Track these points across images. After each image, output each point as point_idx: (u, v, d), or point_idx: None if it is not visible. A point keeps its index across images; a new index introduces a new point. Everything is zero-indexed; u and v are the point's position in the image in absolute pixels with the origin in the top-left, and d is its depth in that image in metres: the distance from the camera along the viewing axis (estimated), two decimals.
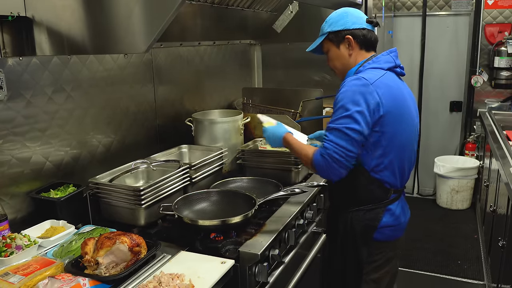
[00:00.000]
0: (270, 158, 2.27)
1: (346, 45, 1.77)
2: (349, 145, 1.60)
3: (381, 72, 1.70)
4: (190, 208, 1.85)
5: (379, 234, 1.77)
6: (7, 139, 1.64)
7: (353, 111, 1.60)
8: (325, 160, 1.61)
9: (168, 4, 1.27)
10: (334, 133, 1.61)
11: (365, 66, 1.74)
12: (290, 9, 2.98)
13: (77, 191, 1.78)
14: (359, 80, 1.64)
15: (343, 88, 1.66)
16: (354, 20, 1.76)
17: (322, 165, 1.63)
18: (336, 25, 1.77)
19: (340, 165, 1.60)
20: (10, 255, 1.44)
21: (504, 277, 2.48)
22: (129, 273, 1.37)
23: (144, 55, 2.28)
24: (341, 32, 1.76)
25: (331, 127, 1.63)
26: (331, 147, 1.60)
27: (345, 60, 1.79)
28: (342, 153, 1.59)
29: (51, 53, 1.51)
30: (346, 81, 1.68)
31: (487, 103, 4.50)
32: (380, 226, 1.76)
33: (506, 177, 2.37)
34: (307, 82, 3.25)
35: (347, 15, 1.77)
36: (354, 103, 1.60)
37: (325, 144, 1.62)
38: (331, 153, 1.60)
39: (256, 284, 1.61)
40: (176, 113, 2.56)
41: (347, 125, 1.59)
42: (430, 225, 4.26)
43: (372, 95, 1.61)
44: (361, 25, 1.76)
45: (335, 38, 1.78)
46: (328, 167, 1.61)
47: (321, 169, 1.64)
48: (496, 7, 4.43)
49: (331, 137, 1.62)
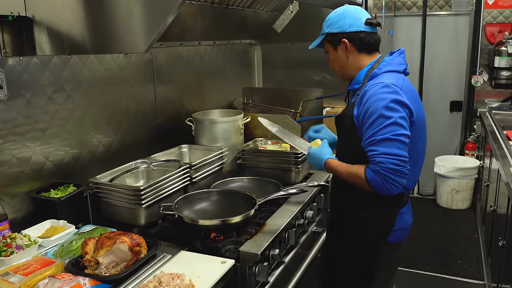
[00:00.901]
0: (270, 158, 2.27)
1: (343, 48, 1.72)
2: (402, 151, 1.55)
3: (400, 76, 1.66)
4: (190, 208, 1.85)
5: (392, 237, 1.78)
6: (7, 139, 1.64)
7: (396, 117, 1.54)
8: (382, 175, 1.54)
9: (168, 4, 1.27)
10: (384, 144, 1.54)
11: (380, 69, 1.68)
12: (290, 9, 2.97)
13: (77, 191, 1.78)
14: (388, 88, 1.57)
15: (373, 97, 1.58)
16: (351, 22, 1.69)
17: (378, 182, 1.56)
18: (333, 27, 1.72)
19: (400, 174, 1.54)
20: (11, 255, 1.44)
21: (504, 277, 2.48)
22: (129, 273, 1.37)
23: (144, 55, 2.28)
24: (337, 35, 1.71)
25: (378, 139, 1.54)
26: (386, 159, 1.53)
27: (343, 63, 1.75)
28: (399, 161, 1.53)
29: (51, 53, 1.51)
30: (373, 89, 1.60)
31: (487, 103, 4.50)
32: (394, 229, 1.76)
33: (506, 177, 2.37)
34: (307, 82, 3.25)
35: (345, 17, 1.70)
36: (392, 110, 1.55)
37: (376, 159, 1.55)
38: (388, 165, 1.53)
39: (256, 284, 1.61)
40: (176, 113, 2.56)
41: (395, 132, 1.53)
42: (430, 225, 4.26)
43: (405, 101, 1.57)
44: (359, 27, 1.69)
45: (332, 40, 1.74)
46: (386, 181, 1.54)
47: (378, 185, 1.57)
48: (496, 7, 4.43)
49: (382, 149, 1.54)
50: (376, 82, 1.63)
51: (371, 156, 1.57)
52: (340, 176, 1.73)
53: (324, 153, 1.78)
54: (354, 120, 1.66)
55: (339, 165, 1.72)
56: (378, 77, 1.67)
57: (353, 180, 1.67)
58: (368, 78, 1.70)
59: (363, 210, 1.75)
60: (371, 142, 1.57)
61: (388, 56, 1.76)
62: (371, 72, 1.69)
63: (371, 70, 1.70)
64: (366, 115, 1.59)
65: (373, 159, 1.57)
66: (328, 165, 1.75)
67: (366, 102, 1.60)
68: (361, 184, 1.64)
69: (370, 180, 1.58)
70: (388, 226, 1.76)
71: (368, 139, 1.58)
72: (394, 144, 1.54)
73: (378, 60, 1.73)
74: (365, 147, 1.60)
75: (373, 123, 1.57)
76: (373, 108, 1.57)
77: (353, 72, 1.76)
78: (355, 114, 1.66)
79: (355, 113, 1.66)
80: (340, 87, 2.77)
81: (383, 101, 1.56)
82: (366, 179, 1.59)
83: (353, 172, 1.66)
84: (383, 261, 1.81)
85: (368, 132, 1.58)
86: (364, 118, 1.60)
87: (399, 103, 1.56)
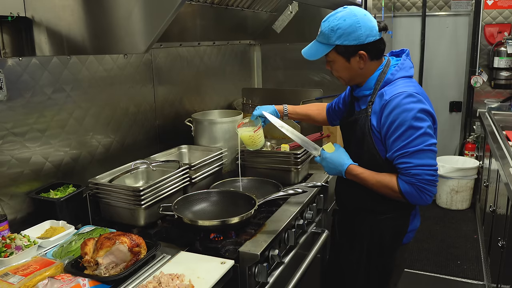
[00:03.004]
0: (269, 158, 2.27)
1: (357, 59, 1.62)
2: (434, 160, 1.56)
3: (415, 82, 1.65)
4: (190, 209, 1.84)
5: (405, 238, 1.79)
6: (7, 139, 1.64)
7: (425, 127, 1.54)
8: (418, 187, 1.55)
9: (168, 4, 1.27)
10: (417, 155, 1.53)
11: (393, 74, 1.64)
12: (290, 9, 2.98)
13: (77, 191, 1.78)
14: (413, 97, 1.55)
15: (398, 108, 1.55)
16: (368, 32, 1.58)
17: (414, 194, 1.56)
18: (347, 39, 1.58)
19: (434, 184, 1.55)
20: (10, 256, 1.44)
21: (504, 277, 2.48)
22: (129, 274, 1.37)
23: (144, 55, 2.28)
24: (352, 47, 1.60)
25: (411, 151, 1.53)
26: (422, 172, 1.53)
27: (354, 72, 1.66)
28: (433, 171, 1.55)
29: (50, 54, 1.51)
30: (397, 100, 1.55)
31: (486, 103, 4.51)
32: (408, 230, 1.78)
33: (505, 177, 2.37)
34: (307, 82, 3.25)
35: (359, 27, 1.57)
36: (421, 120, 1.54)
37: (411, 172, 1.54)
38: (424, 177, 1.53)
39: (256, 285, 1.61)
40: (176, 113, 2.56)
41: (426, 143, 1.53)
42: (430, 225, 4.26)
43: (430, 110, 1.57)
44: (375, 37, 1.60)
45: (345, 51, 1.62)
46: (422, 193, 1.55)
47: (413, 197, 1.57)
48: (495, 8, 4.44)
49: (416, 161, 1.54)
50: (397, 91, 1.58)
51: (405, 168, 1.56)
52: (365, 184, 1.68)
53: (345, 158, 1.71)
54: (373, 130, 1.63)
55: (364, 172, 1.67)
56: (394, 85, 1.62)
57: (382, 190, 1.65)
58: (381, 85, 1.65)
59: (380, 213, 1.74)
60: (403, 154, 1.55)
61: (392, 57, 1.72)
62: (383, 78, 1.65)
63: (382, 75, 1.65)
64: (392, 126, 1.57)
65: (408, 172, 1.56)
66: (351, 172, 1.69)
67: (390, 113, 1.57)
68: (391, 195, 1.63)
69: (404, 192, 1.58)
70: (403, 228, 1.77)
71: (399, 151, 1.56)
72: (427, 155, 1.54)
73: (386, 64, 1.68)
74: (396, 159, 1.58)
75: (402, 134, 1.55)
76: (401, 119, 1.54)
77: (361, 80, 1.70)
78: (374, 124, 1.62)
79: (373, 123, 1.63)
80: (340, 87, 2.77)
81: (410, 112, 1.54)
82: (400, 191, 1.59)
83: (384, 182, 1.63)
84: (397, 263, 1.82)
85: (398, 144, 1.56)
86: (390, 129, 1.57)
87: (425, 112, 1.56)
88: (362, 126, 1.66)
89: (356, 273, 1.83)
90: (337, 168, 1.71)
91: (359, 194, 1.75)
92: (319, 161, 1.77)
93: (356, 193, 1.76)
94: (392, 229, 1.75)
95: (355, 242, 1.82)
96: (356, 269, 1.83)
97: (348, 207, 1.88)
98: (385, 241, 1.76)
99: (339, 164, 1.70)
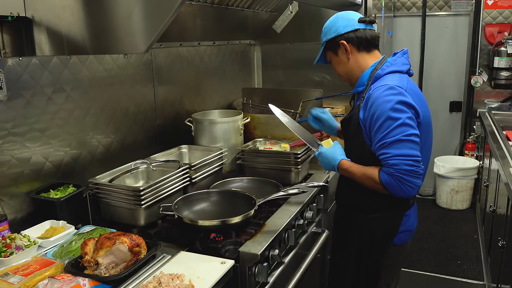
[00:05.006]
0: (270, 158, 2.27)
1: (343, 50, 1.73)
2: (415, 151, 1.54)
3: (404, 77, 1.67)
4: (190, 208, 1.84)
5: (397, 239, 1.78)
6: (7, 139, 1.64)
7: (404, 118, 1.54)
8: (397, 177, 1.54)
9: (168, 4, 1.27)
10: (395, 145, 1.53)
11: (383, 69, 1.68)
12: (290, 9, 2.98)
13: (77, 191, 1.78)
14: (393, 89, 1.57)
15: (378, 100, 1.57)
16: (345, 23, 1.71)
17: (394, 184, 1.55)
18: (329, 33, 1.74)
19: (415, 175, 1.53)
20: (10, 256, 1.44)
21: (504, 277, 2.48)
22: (129, 274, 1.36)
23: (144, 55, 2.28)
24: (335, 39, 1.73)
25: (389, 141, 1.54)
26: (399, 161, 1.52)
27: (346, 65, 1.76)
28: (413, 161, 1.53)
29: (50, 53, 1.51)
30: (377, 92, 1.59)
31: (486, 103, 4.51)
32: (399, 231, 1.76)
33: (505, 177, 2.37)
34: (307, 82, 3.25)
35: (337, 20, 1.73)
36: (399, 111, 1.54)
37: (390, 162, 1.54)
38: (402, 167, 1.52)
39: (256, 284, 1.61)
40: (176, 113, 2.56)
41: (405, 133, 1.53)
42: (430, 225, 4.26)
43: (411, 102, 1.57)
44: (353, 26, 1.71)
45: (331, 46, 1.76)
46: (401, 184, 1.54)
47: (394, 188, 1.57)
48: (495, 7, 4.43)
49: (394, 151, 1.53)
50: (380, 84, 1.62)
51: (384, 159, 1.56)
52: (353, 177, 1.71)
53: (338, 154, 1.75)
54: (360, 123, 1.65)
55: (352, 166, 1.70)
56: (382, 79, 1.66)
57: (367, 182, 1.66)
58: (372, 80, 1.69)
59: (371, 212, 1.75)
60: (382, 145, 1.56)
61: (391, 57, 1.75)
62: (375, 74, 1.69)
63: (374, 71, 1.70)
64: (373, 118, 1.59)
65: (386, 162, 1.56)
66: (341, 166, 1.72)
67: (371, 105, 1.60)
68: (375, 187, 1.63)
69: (385, 183, 1.58)
70: (394, 228, 1.76)
71: (379, 142, 1.57)
72: (405, 145, 1.53)
73: (381, 61, 1.72)
74: (377, 151, 1.59)
75: (381, 126, 1.56)
76: (379, 111, 1.56)
77: (357, 75, 1.75)
78: (361, 117, 1.65)
79: (361, 117, 1.65)
80: (340, 87, 2.78)
81: (388, 103, 1.55)
82: (381, 182, 1.59)
83: (367, 173, 1.64)
84: (388, 263, 1.81)
85: (378, 136, 1.57)
86: (372, 121, 1.60)
87: (405, 104, 1.56)
88: (354, 121, 1.70)
89: (347, 269, 1.86)
90: (330, 163, 1.76)
91: (352, 191, 1.78)
92: (317, 155, 1.82)
93: (350, 190, 1.79)
94: (382, 229, 1.76)
95: (348, 238, 1.84)
96: (347, 265, 1.85)
97: (341, 203, 1.92)
98: (375, 239, 1.77)
99: (332, 159, 1.74)
